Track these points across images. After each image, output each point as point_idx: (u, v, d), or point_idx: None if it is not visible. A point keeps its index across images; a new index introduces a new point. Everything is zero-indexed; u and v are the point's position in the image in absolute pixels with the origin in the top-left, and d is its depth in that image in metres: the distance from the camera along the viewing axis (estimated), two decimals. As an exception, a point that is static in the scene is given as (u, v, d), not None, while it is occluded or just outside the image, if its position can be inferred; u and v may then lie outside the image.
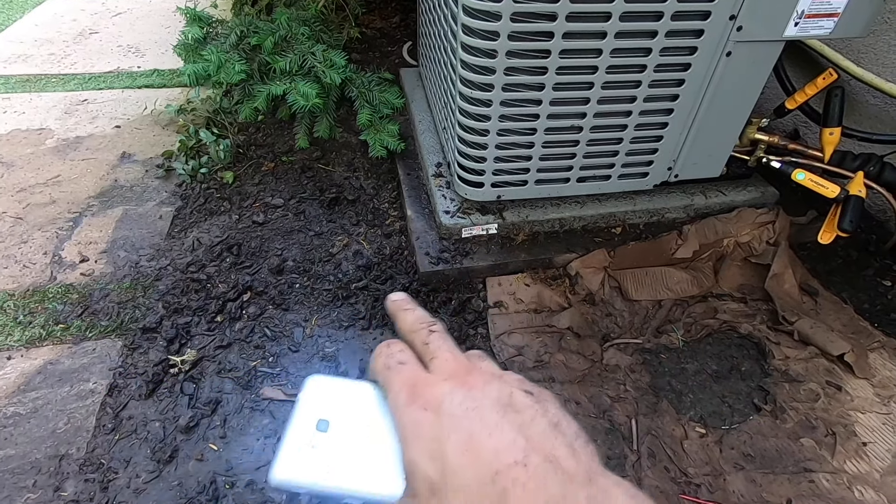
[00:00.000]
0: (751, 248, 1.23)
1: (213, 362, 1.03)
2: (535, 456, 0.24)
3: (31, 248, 1.28)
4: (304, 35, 1.43)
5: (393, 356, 0.30)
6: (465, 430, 0.25)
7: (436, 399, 0.27)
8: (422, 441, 0.26)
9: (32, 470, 0.88)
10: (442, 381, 0.28)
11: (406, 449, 0.27)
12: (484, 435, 0.25)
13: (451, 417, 0.26)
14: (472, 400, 0.26)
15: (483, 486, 0.24)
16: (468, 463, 0.25)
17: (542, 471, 0.24)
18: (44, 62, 2.03)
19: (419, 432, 0.26)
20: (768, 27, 0.97)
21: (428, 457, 0.26)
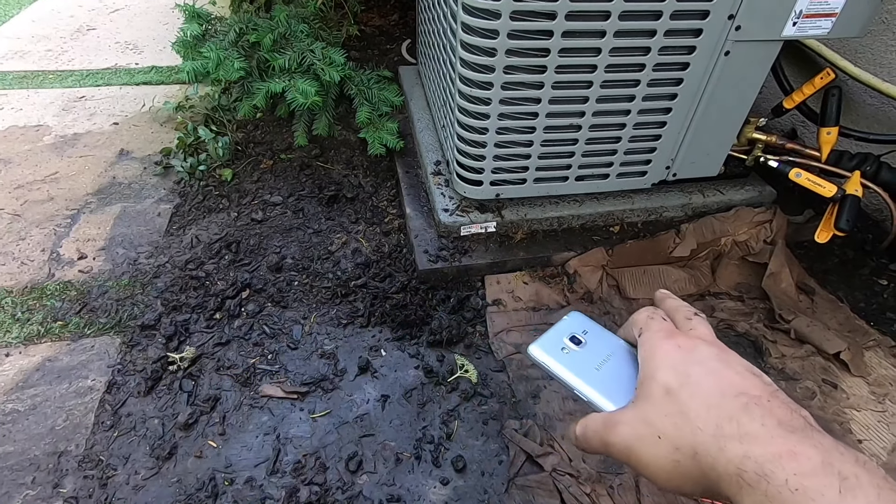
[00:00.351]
0: (748, 246, 1.23)
1: (212, 359, 1.03)
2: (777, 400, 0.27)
3: (29, 245, 1.27)
4: (303, 32, 1.43)
5: (657, 313, 0.35)
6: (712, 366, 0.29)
7: (690, 344, 0.31)
8: (668, 363, 0.30)
9: (31, 467, 0.88)
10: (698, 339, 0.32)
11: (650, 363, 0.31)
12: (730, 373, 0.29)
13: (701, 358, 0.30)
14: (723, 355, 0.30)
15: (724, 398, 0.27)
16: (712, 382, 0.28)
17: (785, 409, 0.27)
18: (41, 58, 2.02)
19: (668, 357, 0.30)
20: (767, 27, 0.97)
21: (672, 372, 0.30)
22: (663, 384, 0.29)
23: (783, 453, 0.24)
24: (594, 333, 0.38)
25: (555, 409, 0.97)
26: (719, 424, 0.26)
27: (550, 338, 0.37)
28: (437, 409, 0.97)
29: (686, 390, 0.28)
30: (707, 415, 0.27)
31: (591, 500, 0.84)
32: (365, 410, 0.97)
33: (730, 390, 0.27)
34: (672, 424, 0.28)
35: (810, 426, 0.26)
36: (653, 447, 0.28)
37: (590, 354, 0.36)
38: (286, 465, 0.89)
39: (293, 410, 0.96)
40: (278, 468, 0.88)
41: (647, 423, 0.29)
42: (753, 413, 0.26)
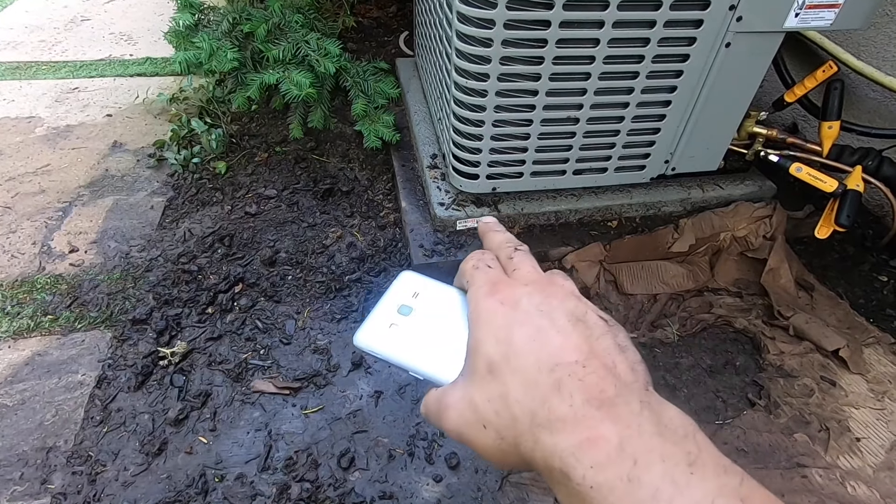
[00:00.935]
0: (747, 242, 1.22)
1: (204, 354, 1.02)
2: (595, 361, 0.25)
3: (20, 238, 1.26)
4: (298, 23, 1.40)
5: (483, 260, 0.32)
6: (536, 325, 0.27)
7: (514, 296, 0.28)
8: (492, 326, 0.28)
9: (19, 462, 0.87)
10: (522, 285, 0.29)
11: (475, 331, 0.28)
12: (552, 332, 0.26)
13: (524, 313, 0.27)
14: (547, 305, 0.28)
15: (540, 374, 0.25)
16: (531, 351, 0.26)
17: (601, 373, 0.25)
18: (34, 49, 1.99)
19: (491, 318, 0.28)
20: (768, 18, 0.95)
21: (494, 340, 0.27)
22: (486, 358, 0.27)
23: (584, 441, 0.23)
24: (426, 295, 0.34)
25: (550, 405, 0.96)
26: (533, 411, 0.25)
27: (377, 317, 0.33)
28: (431, 405, 0.96)
29: (508, 366, 0.26)
30: (525, 398, 0.25)
31: (586, 497, 0.83)
32: (358, 406, 0.96)
33: (546, 362, 0.25)
34: (494, 412, 0.26)
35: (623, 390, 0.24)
36: (480, 434, 0.27)
37: (421, 322, 0.33)
38: (277, 461, 0.88)
39: (285, 406, 0.95)
40: (269, 464, 0.87)
41: (473, 408, 0.27)
42: (565, 390, 0.24)
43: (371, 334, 0.32)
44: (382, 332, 0.32)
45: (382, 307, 0.34)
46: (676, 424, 0.23)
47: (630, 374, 0.25)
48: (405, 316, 0.33)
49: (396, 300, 0.34)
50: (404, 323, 0.33)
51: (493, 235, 0.34)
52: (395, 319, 0.33)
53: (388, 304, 0.34)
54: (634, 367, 0.26)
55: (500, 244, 0.33)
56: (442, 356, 0.31)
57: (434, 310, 0.33)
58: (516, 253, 0.32)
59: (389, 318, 0.33)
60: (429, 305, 0.33)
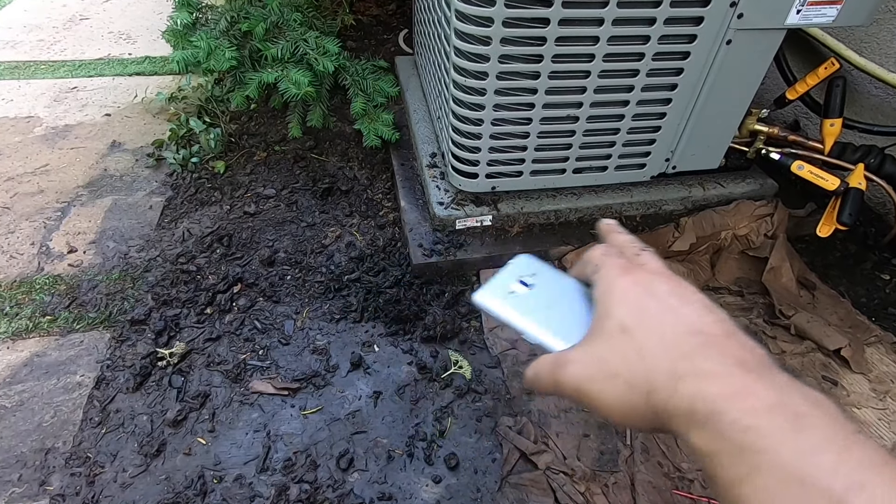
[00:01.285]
0: (748, 240, 1.21)
1: (202, 355, 1.02)
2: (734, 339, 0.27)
3: (19, 238, 1.26)
4: (297, 21, 1.40)
5: (611, 250, 0.34)
6: (669, 304, 0.28)
7: (646, 279, 0.30)
8: (626, 299, 0.29)
9: (18, 464, 0.87)
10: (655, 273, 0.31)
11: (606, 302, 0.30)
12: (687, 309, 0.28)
13: (659, 293, 0.29)
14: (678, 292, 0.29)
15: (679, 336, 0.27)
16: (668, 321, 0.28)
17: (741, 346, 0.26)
18: (33, 48, 1.99)
19: (626, 293, 0.30)
20: (770, 14, 0.94)
21: (628, 309, 0.29)
22: (619, 321, 0.29)
23: (736, 392, 0.24)
24: (544, 275, 0.37)
25: (550, 405, 0.95)
26: (674, 363, 0.26)
27: (497, 283, 0.36)
28: (430, 405, 0.96)
29: (642, 328, 0.28)
30: (663, 353, 0.26)
31: (586, 498, 0.82)
32: (357, 407, 0.95)
33: (686, 328, 0.27)
34: (626, 363, 0.27)
35: (768, 365, 0.25)
36: (605, 385, 0.28)
37: (539, 296, 0.35)
38: (276, 462, 0.87)
39: (284, 407, 0.95)
40: (268, 466, 0.87)
41: (601, 360, 0.29)
42: (709, 352, 0.25)
43: (491, 295, 0.35)
44: (502, 296, 0.35)
45: (502, 277, 0.37)
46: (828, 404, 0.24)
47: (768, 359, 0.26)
48: (525, 287, 0.36)
49: (515, 274, 0.37)
50: (523, 292, 0.36)
51: (617, 236, 0.36)
52: (515, 288, 0.36)
53: (508, 275, 0.37)
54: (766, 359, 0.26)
55: (625, 243, 0.35)
56: (557, 327, 0.33)
57: (552, 288, 0.36)
58: (643, 252, 0.34)
59: (509, 286, 0.36)
60: (546, 284, 0.36)
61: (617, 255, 0.33)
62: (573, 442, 0.90)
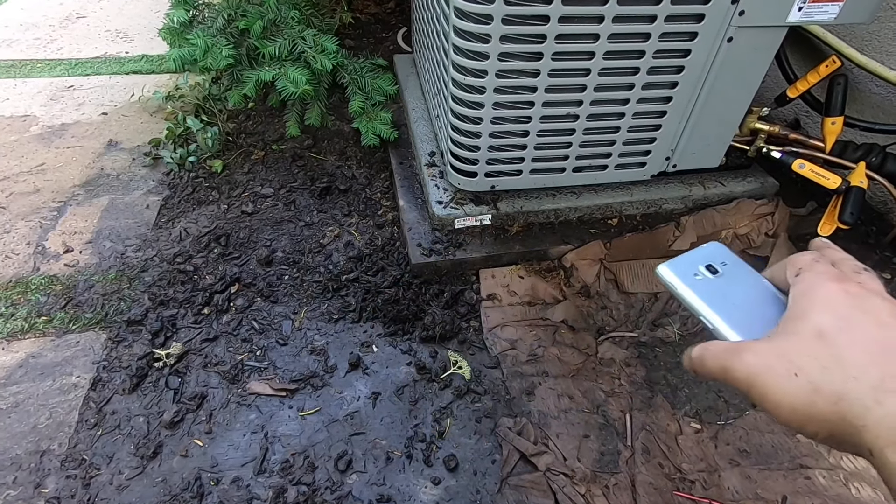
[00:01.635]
0: (749, 240, 1.20)
1: (199, 356, 1.01)
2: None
3: (14, 238, 1.25)
4: (294, 19, 1.39)
5: (823, 257, 0.32)
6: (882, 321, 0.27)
7: (861, 294, 0.28)
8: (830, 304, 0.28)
9: (13, 466, 0.86)
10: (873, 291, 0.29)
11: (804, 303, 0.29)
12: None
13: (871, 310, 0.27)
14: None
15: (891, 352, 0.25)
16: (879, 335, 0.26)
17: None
18: (29, 47, 1.98)
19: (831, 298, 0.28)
20: (771, 12, 0.94)
21: (831, 315, 0.27)
22: (816, 325, 0.27)
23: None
24: (734, 266, 0.35)
25: (550, 406, 0.95)
26: (882, 378, 0.25)
27: (684, 261, 0.36)
28: (429, 406, 0.95)
29: (845, 336, 0.27)
30: (868, 365, 0.25)
31: (586, 500, 0.82)
32: (355, 408, 0.94)
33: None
34: (818, 366, 0.26)
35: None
36: (784, 381, 0.27)
37: (724, 284, 0.34)
38: (274, 464, 0.86)
39: (282, 408, 0.94)
40: (266, 467, 0.86)
41: (785, 357, 0.27)
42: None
43: (676, 271, 0.35)
44: (687, 275, 0.35)
45: (691, 258, 0.36)
46: None
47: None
48: (711, 273, 0.35)
49: (704, 258, 0.36)
50: (709, 278, 0.35)
51: (833, 252, 0.34)
52: (702, 271, 0.35)
53: (697, 258, 0.36)
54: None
55: (844, 259, 0.33)
56: (737, 318, 0.32)
57: (740, 280, 0.35)
58: (865, 271, 0.31)
59: (696, 267, 0.35)
60: (734, 275, 0.35)
61: (828, 262, 0.31)
62: (573, 443, 0.89)
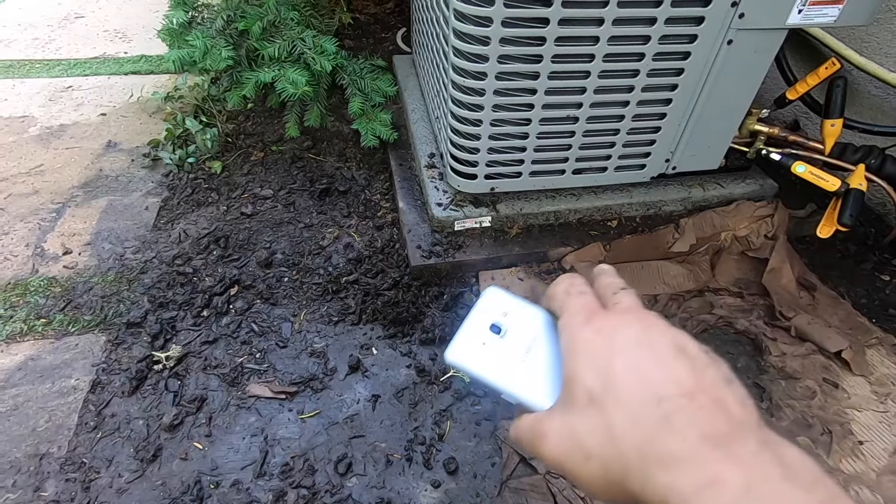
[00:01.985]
0: (748, 241, 1.21)
1: (199, 358, 1.01)
2: (702, 396, 0.24)
3: (13, 239, 1.24)
4: (294, 20, 1.38)
5: (575, 285, 0.31)
6: (635, 357, 0.26)
7: (611, 326, 0.28)
8: (590, 357, 0.27)
9: (12, 469, 0.86)
10: (619, 314, 0.29)
11: (572, 361, 0.28)
12: (653, 365, 0.26)
13: (623, 344, 0.27)
14: (646, 336, 0.27)
15: (646, 406, 0.24)
16: (634, 383, 0.25)
17: (709, 408, 0.24)
18: (27, 47, 1.97)
19: (589, 349, 0.27)
20: (771, 14, 0.94)
21: (593, 371, 0.27)
22: (586, 388, 0.26)
23: (705, 482, 0.22)
24: (516, 314, 0.33)
25: (549, 409, 0.95)
26: (642, 446, 0.24)
27: (468, 333, 0.33)
28: (429, 409, 0.95)
29: (609, 396, 0.25)
30: (631, 433, 0.24)
31: (586, 503, 0.82)
32: (355, 411, 0.94)
33: (651, 394, 0.25)
34: (599, 444, 0.25)
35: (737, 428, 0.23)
36: (581, 467, 0.26)
37: (513, 343, 0.32)
38: (274, 467, 0.86)
39: (281, 411, 0.94)
40: (265, 471, 0.86)
41: (574, 439, 0.26)
42: (675, 425, 0.23)
43: (464, 351, 0.32)
44: (475, 350, 0.32)
45: (472, 323, 0.33)
46: (801, 467, 0.22)
47: (741, 409, 0.24)
48: (497, 335, 0.33)
49: (487, 318, 0.33)
50: (496, 342, 0.32)
51: (603, 277, 0.33)
52: (487, 338, 0.32)
53: (479, 320, 0.33)
54: (744, 401, 0.25)
55: (609, 285, 0.32)
56: (535, 381, 0.30)
57: (525, 331, 0.33)
58: (622, 291, 0.31)
59: (481, 335, 0.33)
60: (519, 326, 0.33)
61: (579, 294, 0.31)
62: (573, 445, 0.89)
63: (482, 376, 0.31)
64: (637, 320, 0.28)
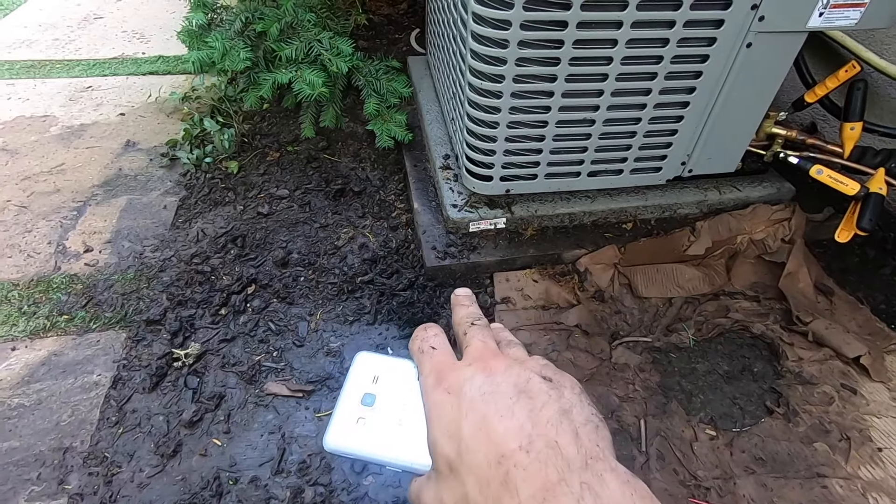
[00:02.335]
0: (765, 245, 1.20)
1: (217, 356, 1.02)
2: (539, 441, 0.25)
3: (36, 237, 1.27)
4: (311, 22, 1.40)
5: (427, 340, 0.32)
6: (480, 413, 0.26)
7: (458, 383, 0.28)
8: (442, 422, 0.28)
9: (36, 462, 0.88)
10: (466, 366, 0.29)
11: (430, 428, 0.28)
12: (496, 419, 0.26)
13: (469, 401, 0.27)
14: (490, 384, 0.28)
15: (490, 468, 0.25)
16: (479, 444, 0.26)
17: (543, 456, 0.24)
18: (48, 47, 2.01)
19: (441, 413, 0.28)
20: (792, 17, 0.93)
21: (447, 436, 0.27)
22: (444, 457, 0.27)
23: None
24: (386, 378, 0.33)
25: (564, 410, 0.95)
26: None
27: (342, 413, 0.32)
28: (443, 409, 0.96)
29: (462, 464, 0.26)
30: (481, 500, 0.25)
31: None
32: (371, 410, 0.95)
33: (494, 454, 0.25)
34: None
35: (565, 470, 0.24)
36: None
37: (387, 410, 0.32)
38: (291, 464, 0.88)
39: (298, 409, 0.95)
40: (283, 468, 0.87)
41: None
42: (511, 485, 0.24)
43: (340, 435, 0.31)
44: (351, 430, 0.31)
45: (346, 401, 0.33)
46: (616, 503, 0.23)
47: (573, 446, 0.25)
48: (370, 407, 0.32)
49: (358, 390, 0.33)
50: (370, 415, 0.32)
51: (458, 310, 0.34)
52: (361, 412, 0.32)
53: (351, 395, 0.33)
54: (579, 433, 0.25)
55: (461, 320, 0.33)
56: (415, 444, 0.30)
57: (397, 393, 0.32)
58: (471, 328, 0.31)
59: (355, 412, 0.32)
60: (391, 390, 0.33)
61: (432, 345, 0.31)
62: (588, 448, 0.89)
63: (364, 455, 0.31)
64: (481, 369, 0.28)
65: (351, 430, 0.31)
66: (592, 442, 0.25)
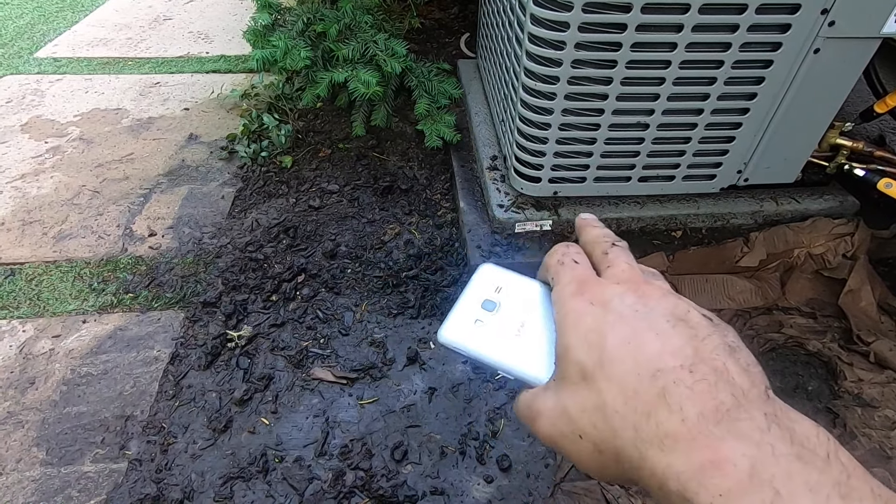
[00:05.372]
0: (824, 260, 1.15)
1: (268, 339, 1.07)
2: (703, 366, 0.22)
3: (106, 220, 1.36)
4: (367, 23, 1.44)
5: (568, 255, 0.29)
6: (630, 328, 0.24)
7: (604, 296, 0.26)
8: (582, 329, 0.25)
9: (101, 427, 0.94)
10: (614, 283, 0.27)
11: (563, 335, 0.26)
12: (650, 336, 0.24)
13: (617, 315, 0.25)
14: (643, 305, 0.25)
15: (640, 381, 0.23)
16: (627, 356, 0.23)
17: (711, 380, 0.22)
18: (122, 46, 2.15)
19: (580, 321, 0.26)
20: (864, 23, 0.90)
21: (585, 344, 0.25)
22: (578, 364, 0.25)
23: (706, 464, 0.20)
24: (509, 289, 0.32)
25: (605, 415, 0.94)
26: (636, 424, 0.22)
27: (460, 312, 0.31)
28: (483, 405, 0.97)
29: (601, 373, 0.24)
30: (624, 410, 0.23)
31: (641, 513, 0.81)
32: (412, 401, 0.97)
33: (646, 367, 0.23)
34: (591, 423, 0.24)
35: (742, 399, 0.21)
36: (574, 447, 0.25)
37: (507, 318, 0.31)
38: (334, 448, 0.90)
39: (342, 395, 0.98)
40: (326, 450, 0.90)
41: (566, 418, 0.25)
42: (672, 400, 0.21)
43: (457, 330, 0.31)
44: (468, 328, 0.31)
45: (465, 301, 0.32)
46: (814, 443, 0.20)
47: (745, 378, 0.22)
48: (490, 311, 0.31)
49: (479, 294, 0.32)
50: (490, 319, 0.31)
51: (590, 230, 0.31)
52: (480, 315, 0.31)
53: (471, 298, 0.32)
54: (749, 369, 0.22)
55: (597, 238, 0.30)
56: (531, 355, 0.29)
57: (519, 305, 0.31)
58: (612, 248, 0.29)
59: (474, 313, 0.31)
60: (513, 301, 0.31)
61: (574, 259, 0.29)
62: (629, 454, 0.88)
63: (476, 354, 0.30)
64: (632, 289, 0.26)
65: (468, 329, 0.31)
66: (764, 382, 0.22)
